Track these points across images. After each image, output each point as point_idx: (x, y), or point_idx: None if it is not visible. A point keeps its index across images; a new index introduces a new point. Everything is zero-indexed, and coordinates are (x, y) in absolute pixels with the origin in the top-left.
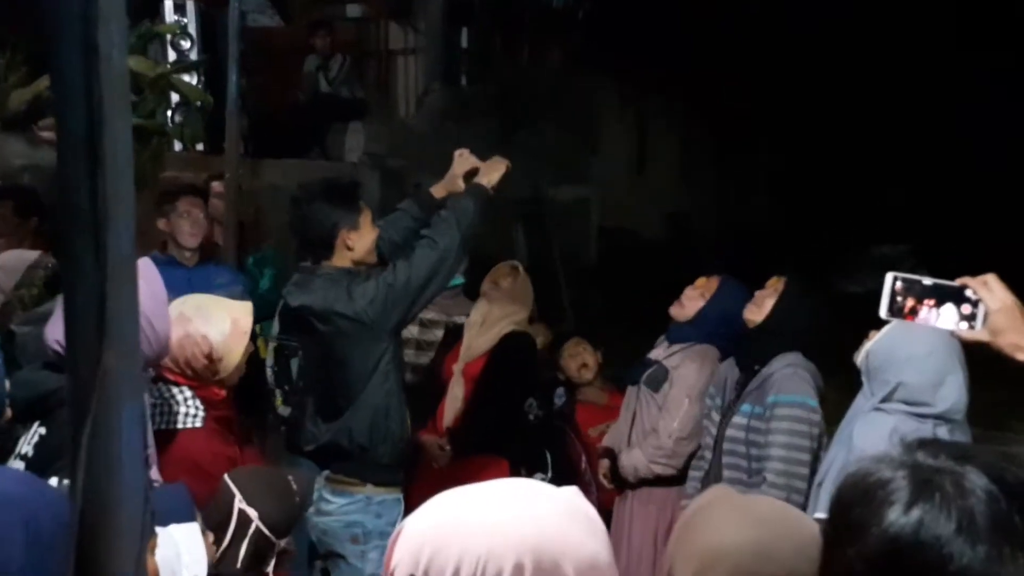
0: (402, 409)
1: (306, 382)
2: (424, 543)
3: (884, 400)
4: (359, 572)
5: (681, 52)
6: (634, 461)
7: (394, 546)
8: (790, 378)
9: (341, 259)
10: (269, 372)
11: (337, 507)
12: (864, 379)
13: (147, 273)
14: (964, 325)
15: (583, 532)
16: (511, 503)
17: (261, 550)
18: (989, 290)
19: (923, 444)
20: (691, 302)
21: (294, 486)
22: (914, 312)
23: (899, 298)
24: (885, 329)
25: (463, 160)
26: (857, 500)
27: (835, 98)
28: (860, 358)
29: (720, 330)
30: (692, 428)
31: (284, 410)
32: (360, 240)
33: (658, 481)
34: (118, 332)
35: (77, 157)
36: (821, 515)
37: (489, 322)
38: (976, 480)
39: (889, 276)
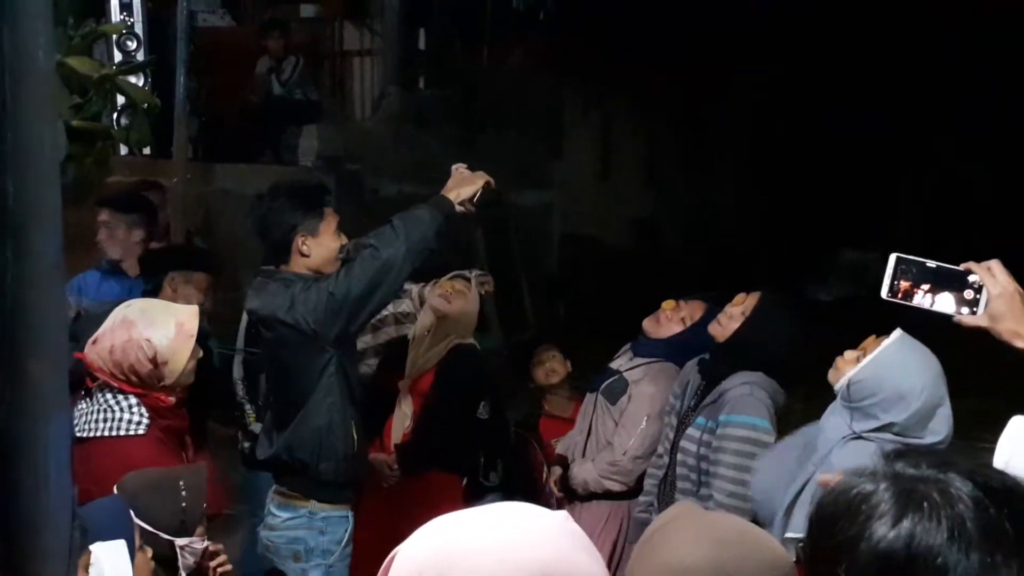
0: (347, 424)
1: (266, 392)
2: (424, 568)
3: (869, 431)
4: None
5: (646, 55)
6: (585, 475)
7: (389, 567)
8: (744, 398)
9: (297, 265)
10: (239, 386)
11: (281, 522)
12: (842, 403)
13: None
14: (965, 310)
15: (584, 553)
16: (511, 527)
17: (158, 548)
18: (992, 275)
19: (901, 454)
20: (669, 323)
21: (180, 481)
22: (913, 294)
23: (900, 280)
24: (870, 357)
25: (458, 175)
26: (840, 516)
27: (799, 105)
28: (839, 385)
29: (687, 355)
30: (648, 447)
31: (256, 427)
32: (317, 247)
33: (608, 495)
34: (43, 341)
35: None
36: (794, 535)
37: (436, 337)
38: (961, 487)
39: (893, 257)
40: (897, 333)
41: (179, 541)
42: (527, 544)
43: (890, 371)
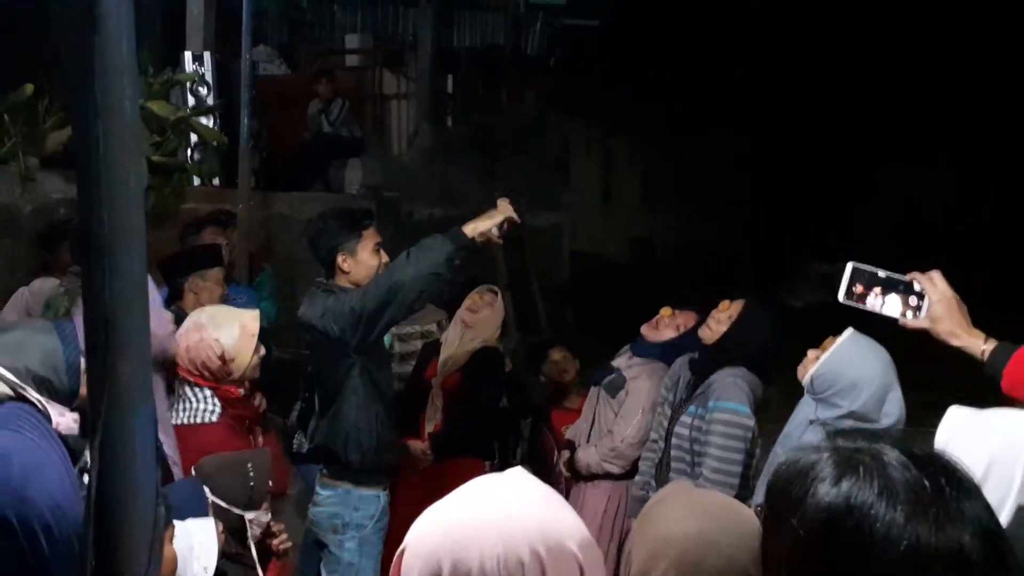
0: (371, 421)
1: (310, 391)
2: (439, 556)
3: (832, 418)
4: (337, 559)
5: (642, 96)
6: (588, 459)
7: (400, 565)
8: (730, 387)
9: (340, 279)
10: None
11: (323, 499)
12: (808, 396)
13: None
14: (909, 314)
15: (569, 512)
16: (504, 499)
17: (230, 523)
18: (933, 284)
19: (840, 432)
20: (665, 329)
21: (248, 463)
22: (865, 299)
23: (855, 286)
24: (828, 353)
25: (502, 207)
26: (790, 481)
27: (782, 135)
28: (805, 380)
29: (678, 356)
30: (642, 436)
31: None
32: (356, 265)
33: (608, 475)
34: (129, 344)
35: (91, 192)
36: (756, 502)
37: (464, 342)
38: (891, 453)
39: (849, 265)
40: (848, 331)
41: (248, 515)
42: (521, 509)
43: (844, 364)
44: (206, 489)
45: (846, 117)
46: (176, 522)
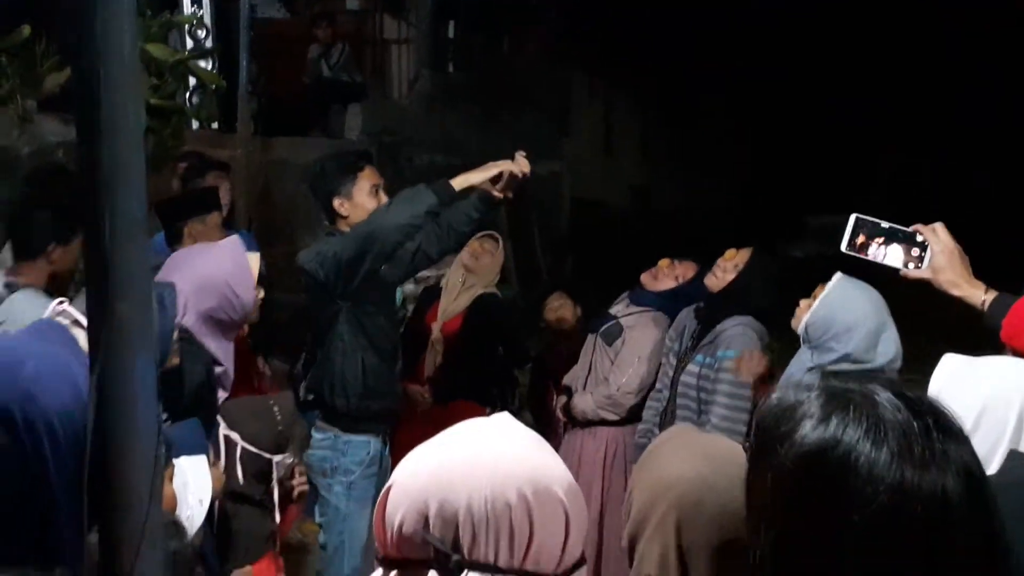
0: (357, 369)
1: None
2: (427, 495)
3: (828, 363)
4: (326, 501)
5: (645, 42)
6: (584, 406)
7: (386, 506)
8: (739, 336)
9: (341, 224)
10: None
11: (316, 442)
12: (804, 344)
13: (235, 250)
14: (911, 265)
15: (555, 458)
16: (493, 443)
17: (258, 467)
18: (935, 235)
19: (833, 373)
20: (665, 279)
21: (275, 407)
22: (868, 249)
23: (858, 236)
24: (819, 300)
25: (502, 162)
26: (778, 418)
27: (784, 86)
28: (800, 327)
29: (679, 308)
30: (638, 384)
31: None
32: (353, 208)
33: (603, 422)
34: (131, 285)
35: (89, 129)
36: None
37: (466, 287)
38: (882, 394)
39: (852, 216)
40: (837, 276)
41: (275, 458)
42: (509, 453)
43: (835, 309)
44: (234, 434)
45: (851, 70)
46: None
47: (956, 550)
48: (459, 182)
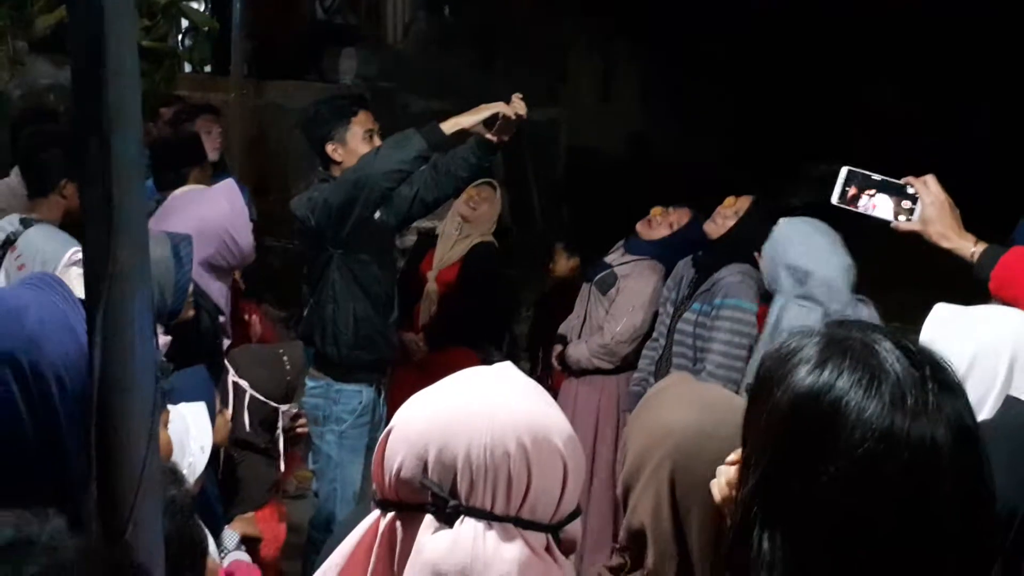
0: (348, 317)
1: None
2: (427, 441)
3: (800, 296)
4: (318, 449)
5: None
6: (579, 355)
7: (385, 449)
8: (737, 285)
9: (334, 170)
10: None
11: (308, 390)
12: (770, 286)
13: (230, 193)
14: (902, 217)
15: (555, 408)
16: (494, 391)
17: (264, 415)
18: (926, 187)
19: (839, 323)
20: (658, 227)
21: (284, 356)
22: (859, 201)
23: (849, 188)
24: (765, 247)
25: (494, 104)
26: (777, 361)
27: (786, 32)
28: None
29: (674, 255)
30: (632, 333)
31: None
32: (347, 154)
33: (598, 371)
34: (128, 230)
35: (87, 72)
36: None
37: (462, 236)
38: (883, 343)
39: (844, 169)
40: (780, 222)
41: (283, 407)
42: (510, 402)
43: (779, 252)
44: (243, 382)
45: (849, 20)
46: (169, 407)
47: (941, 499)
48: (449, 126)
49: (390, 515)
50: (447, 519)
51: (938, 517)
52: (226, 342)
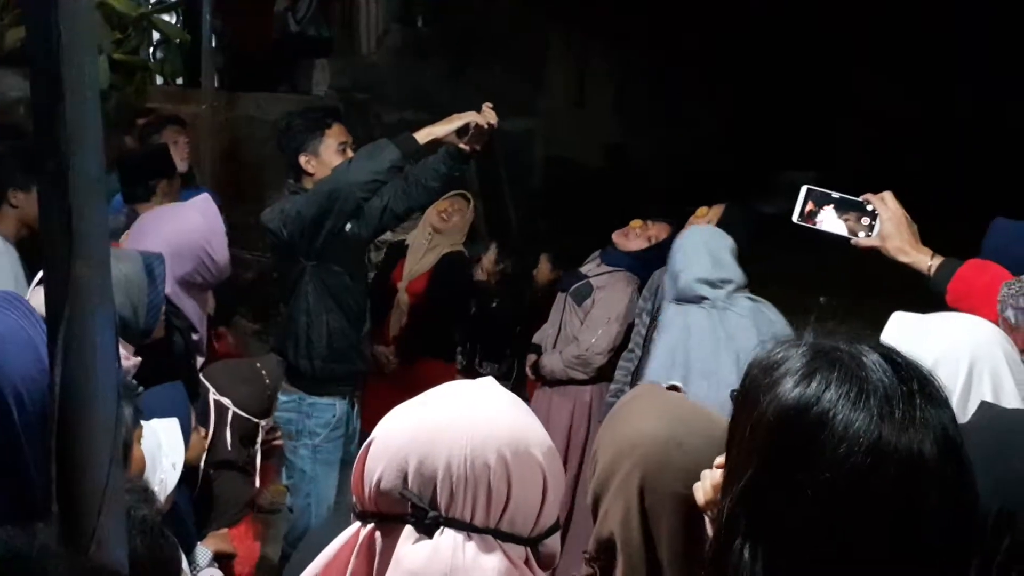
0: (322, 330)
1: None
2: (408, 452)
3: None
4: (292, 464)
5: None
6: (553, 365)
7: (365, 460)
8: None
9: (306, 181)
10: None
11: (281, 404)
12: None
13: (207, 210)
14: (861, 233)
15: (535, 421)
16: (474, 404)
17: (245, 431)
18: (884, 203)
19: (826, 334)
20: (636, 239)
21: (263, 371)
22: (818, 219)
23: (808, 207)
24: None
25: (466, 114)
26: (763, 370)
27: (762, 42)
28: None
29: (650, 269)
30: (607, 344)
31: None
32: (320, 166)
33: (572, 381)
34: (88, 245)
35: (46, 89)
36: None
37: (431, 246)
38: (870, 355)
39: (803, 188)
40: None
41: (262, 422)
42: (491, 415)
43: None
44: (226, 400)
45: (827, 28)
46: (142, 423)
47: (927, 511)
48: (423, 135)
49: (369, 526)
50: (427, 530)
51: (923, 529)
52: (200, 360)
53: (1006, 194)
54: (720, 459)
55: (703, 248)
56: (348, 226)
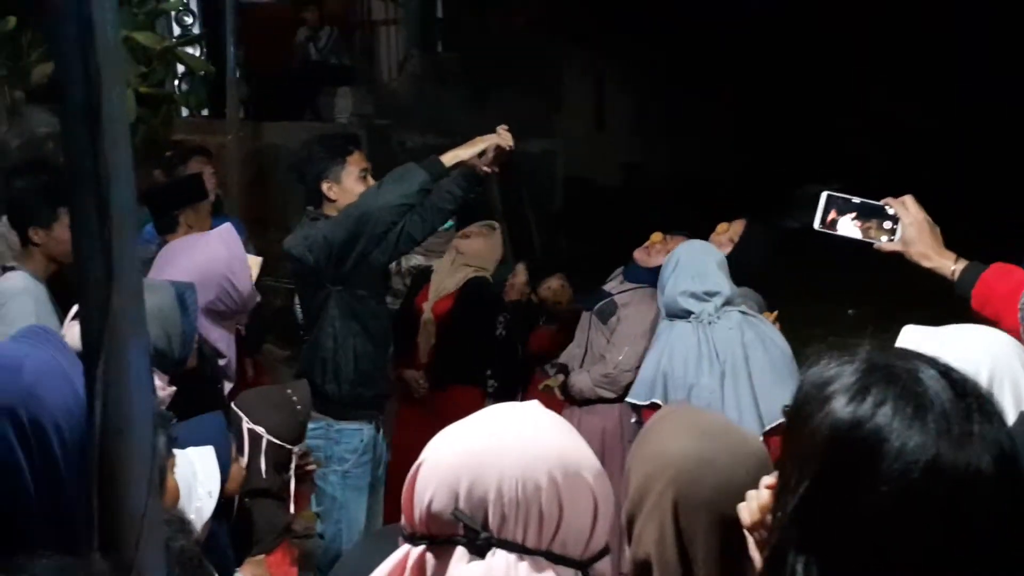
0: (349, 354)
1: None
2: (459, 475)
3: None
4: (322, 491)
5: (635, 19)
6: (581, 384)
7: (415, 483)
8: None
9: (327, 208)
10: (297, 310)
11: (308, 431)
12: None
13: (230, 239)
14: (884, 238)
15: (584, 445)
16: (524, 426)
17: (279, 459)
18: (906, 208)
19: (880, 348)
20: (657, 255)
21: (293, 397)
22: (840, 225)
23: (830, 213)
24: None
25: (489, 136)
26: (818, 384)
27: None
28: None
29: None
30: (634, 361)
31: None
32: (342, 192)
33: (600, 400)
34: (122, 277)
35: (78, 124)
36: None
37: (455, 267)
38: (927, 371)
39: (824, 194)
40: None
41: (295, 448)
42: (539, 436)
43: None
44: (259, 428)
45: (839, 44)
46: (176, 451)
47: (984, 527)
48: (448, 158)
49: (420, 548)
50: (479, 551)
51: (979, 544)
52: (227, 385)
53: None
54: (768, 479)
55: (687, 262)
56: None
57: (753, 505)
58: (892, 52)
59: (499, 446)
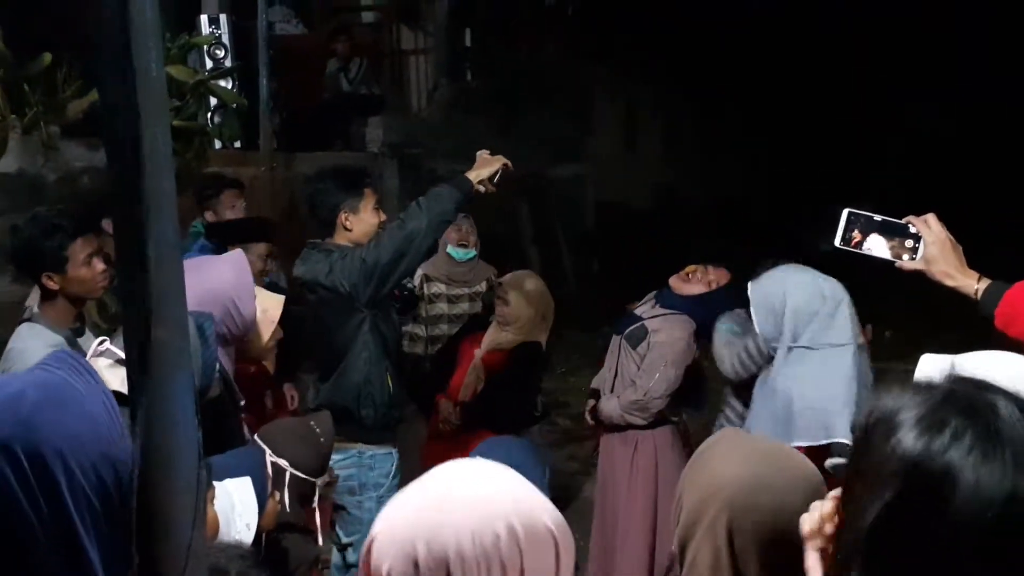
0: (382, 376)
1: (310, 348)
2: (413, 539)
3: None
4: (359, 519)
5: (664, 40)
6: (611, 410)
7: (370, 555)
8: None
9: (341, 237)
10: None
11: (334, 463)
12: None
13: (238, 264)
14: (905, 256)
15: (539, 493)
16: (474, 480)
17: (303, 491)
18: (928, 226)
19: (955, 377)
20: (696, 284)
21: (316, 428)
22: (861, 243)
23: (852, 231)
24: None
25: (481, 159)
26: (888, 414)
27: (808, 78)
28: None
29: (708, 314)
30: (665, 389)
31: None
32: (359, 224)
33: (631, 426)
34: (167, 310)
35: (124, 161)
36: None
37: (515, 328)
38: (1003, 403)
39: (845, 212)
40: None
41: (319, 480)
42: (491, 487)
43: (764, 292)
44: (282, 461)
45: (868, 63)
46: (215, 483)
47: None
48: (473, 176)
49: None
50: None
51: None
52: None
53: None
54: (836, 492)
55: (790, 288)
56: None
57: (815, 515)
58: (931, 72)
59: (451, 502)
